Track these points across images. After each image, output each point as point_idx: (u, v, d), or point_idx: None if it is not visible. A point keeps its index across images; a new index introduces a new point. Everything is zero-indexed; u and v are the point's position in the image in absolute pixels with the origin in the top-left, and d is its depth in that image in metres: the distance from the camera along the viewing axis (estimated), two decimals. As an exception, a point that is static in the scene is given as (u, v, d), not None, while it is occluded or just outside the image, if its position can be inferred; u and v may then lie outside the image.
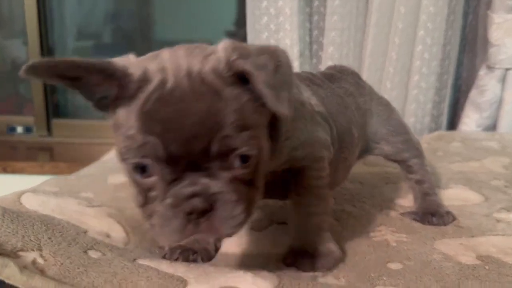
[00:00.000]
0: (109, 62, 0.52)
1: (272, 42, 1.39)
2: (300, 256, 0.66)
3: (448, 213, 0.84)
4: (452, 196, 0.96)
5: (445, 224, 0.82)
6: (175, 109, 0.48)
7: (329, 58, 1.41)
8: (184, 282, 0.58)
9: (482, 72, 1.43)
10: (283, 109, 0.49)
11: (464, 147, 1.29)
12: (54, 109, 2.07)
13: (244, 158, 0.51)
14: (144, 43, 2.26)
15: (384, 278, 0.64)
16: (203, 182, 0.49)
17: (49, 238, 0.62)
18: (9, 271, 0.53)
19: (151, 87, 0.49)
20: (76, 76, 0.51)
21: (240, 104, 0.50)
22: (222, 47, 0.53)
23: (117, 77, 0.51)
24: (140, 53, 0.56)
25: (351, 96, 0.85)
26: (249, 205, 0.53)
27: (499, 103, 1.42)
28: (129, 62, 0.53)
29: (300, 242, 0.68)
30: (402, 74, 1.39)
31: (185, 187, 0.49)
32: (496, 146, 1.30)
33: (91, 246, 0.64)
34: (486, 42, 1.41)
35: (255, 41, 1.42)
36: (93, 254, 0.63)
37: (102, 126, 2.00)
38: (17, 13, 2.08)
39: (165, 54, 0.54)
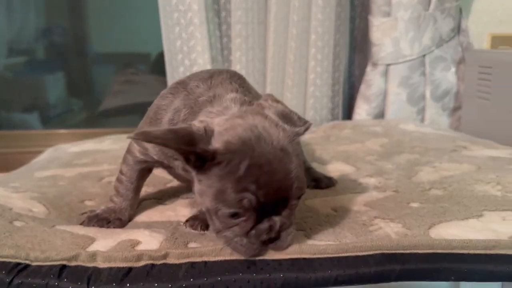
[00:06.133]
0: (193, 140, 0.64)
1: (185, 49, 1.56)
2: (197, 221, 0.82)
3: (331, 178, 1.05)
4: (332, 169, 1.16)
5: (333, 185, 1.03)
6: (264, 171, 0.63)
7: (238, 62, 1.59)
8: (92, 239, 0.73)
9: (369, 68, 1.67)
10: None
11: (353, 133, 1.52)
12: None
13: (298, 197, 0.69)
14: (78, 57, 2.26)
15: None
16: (275, 219, 0.66)
17: (-21, 214, 0.75)
18: None
19: (237, 156, 0.63)
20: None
21: (298, 158, 0.68)
22: (274, 113, 0.71)
23: (205, 153, 0.64)
24: (75, 67, 0.69)
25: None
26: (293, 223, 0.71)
27: (384, 94, 1.66)
28: (207, 134, 0.65)
29: (202, 212, 0.85)
30: (300, 73, 1.60)
31: (264, 223, 0.66)
32: (380, 130, 1.53)
33: (15, 218, 0.78)
34: (370, 42, 1.65)
35: (171, 48, 1.58)
36: (17, 223, 0.76)
37: (32, 136, 2.09)
38: None
39: (239, 124, 0.66)
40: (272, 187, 0.64)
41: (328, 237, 0.75)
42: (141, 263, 0.68)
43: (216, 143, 0.65)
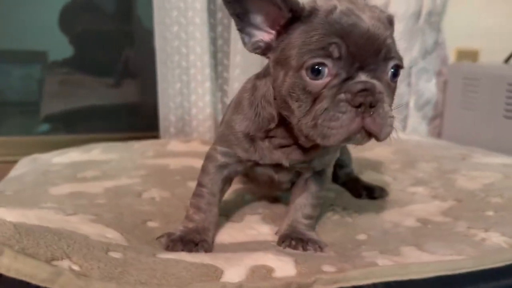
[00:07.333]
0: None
1: (183, 50, 1.44)
2: (293, 240, 0.76)
3: (383, 188, 1.03)
4: (368, 177, 1.15)
5: (387, 195, 1.02)
6: (355, 18, 0.58)
7: (236, 66, 1.51)
8: (217, 268, 0.63)
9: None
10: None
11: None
12: None
13: (394, 73, 0.62)
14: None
15: (363, 247, 0.77)
16: (370, 81, 0.58)
17: (68, 246, 0.60)
18: (65, 279, 0.51)
19: (325, 9, 0.60)
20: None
21: (392, 37, 0.63)
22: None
23: (291, 5, 0.62)
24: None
25: None
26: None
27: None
28: None
29: (292, 230, 0.78)
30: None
31: (357, 84, 0.57)
32: (377, 138, 1.56)
33: (106, 247, 0.64)
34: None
35: (166, 49, 1.45)
36: (114, 254, 0.62)
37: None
38: None
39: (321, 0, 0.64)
40: (363, 35, 0.59)
41: (446, 250, 0.73)
42: (290, 293, 0.60)
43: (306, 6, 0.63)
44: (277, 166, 0.77)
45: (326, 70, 0.59)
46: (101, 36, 2.08)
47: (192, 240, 0.73)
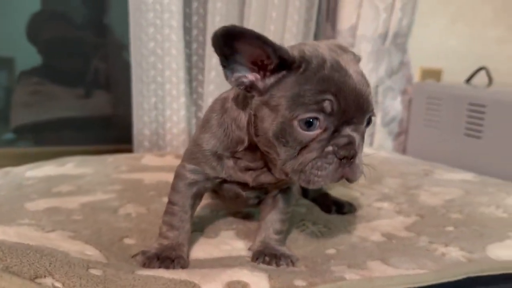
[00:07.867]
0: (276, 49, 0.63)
1: (159, 66, 1.47)
2: (267, 256, 0.79)
3: (352, 204, 1.08)
4: (337, 193, 1.20)
5: (355, 211, 1.07)
6: (344, 73, 0.63)
7: (210, 94, 1.55)
8: (196, 285, 0.65)
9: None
10: None
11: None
12: None
13: (368, 122, 0.68)
14: None
15: (332, 261, 0.81)
16: (352, 134, 0.64)
17: (50, 264, 0.62)
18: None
19: (316, 61, 0.63)
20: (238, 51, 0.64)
21: (371, 92, 0.68)
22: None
23: (285, 55, 0.63)
24: None
25: None
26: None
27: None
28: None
29: (265, 246, 0.82)
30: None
31: (344, 138, 0.63)
32: (346, 154, 1.62)
33: (86, 264, 0.66)
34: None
35: (142, 64, 1.48)
36: (94, 271, 0.64)
37: None
38: None
39: (307, 46, 0.67)
40: (352, 92, 0.63)
41: (409, 264, 0.78)
42: (265, 308, 0.63)
43: (291, 50, 0.65)
44: (244, 184, 0.80)
45: (317, 123, 0.63)
46: (71, 46, 2.08)
47: (169, 257, 0.75)
